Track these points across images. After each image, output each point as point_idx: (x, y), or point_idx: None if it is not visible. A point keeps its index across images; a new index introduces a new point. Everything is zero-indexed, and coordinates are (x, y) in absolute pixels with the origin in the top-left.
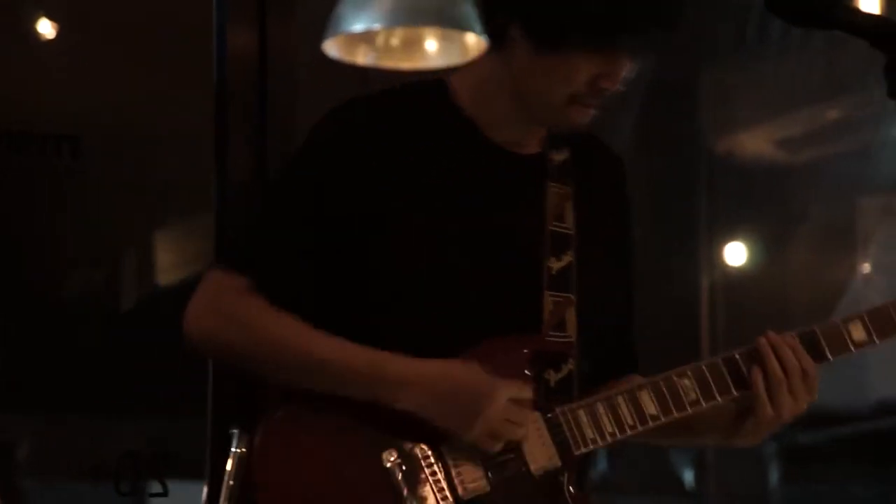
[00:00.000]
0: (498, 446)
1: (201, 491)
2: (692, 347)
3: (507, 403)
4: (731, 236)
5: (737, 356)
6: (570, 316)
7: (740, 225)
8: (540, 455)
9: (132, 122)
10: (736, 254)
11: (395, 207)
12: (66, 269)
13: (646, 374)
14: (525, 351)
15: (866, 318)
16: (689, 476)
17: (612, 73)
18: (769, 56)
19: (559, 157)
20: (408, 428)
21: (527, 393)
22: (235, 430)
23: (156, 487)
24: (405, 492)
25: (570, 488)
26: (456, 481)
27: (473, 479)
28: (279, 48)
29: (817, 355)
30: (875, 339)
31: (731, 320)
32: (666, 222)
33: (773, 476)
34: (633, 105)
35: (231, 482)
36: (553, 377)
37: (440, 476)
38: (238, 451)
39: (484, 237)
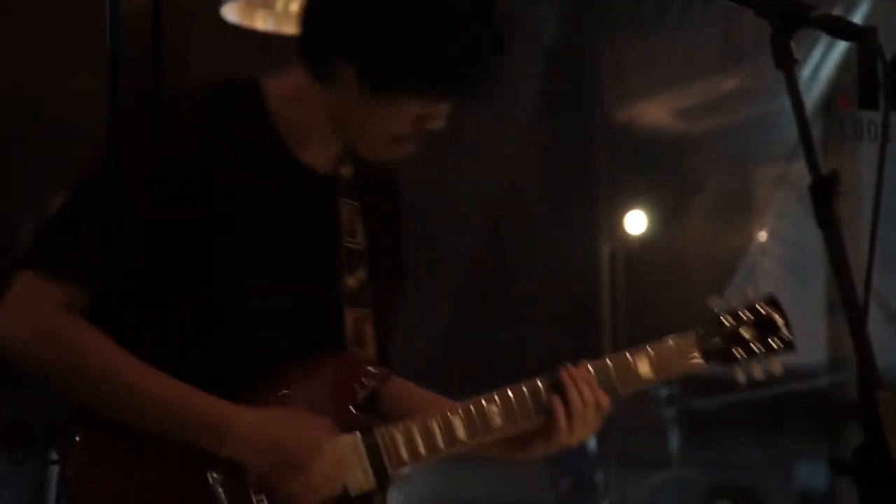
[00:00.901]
0: (318, 499)
1: None
2: (593, 315)
3: (330, 461)
4: (631, 205)
5: (539, 385)
6: (368, 330)
7: (639, 194)
8: (358, 477)
9: (22, 87)
10: (635, 222)
11: (202, 220)
12: None
13: (548, 345)
14: (346, 381)
15: (651, 353)
16: (591, 443)
17: (436, 113)
18: (667, 27)
19: (346, 172)
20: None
21: (351, 468)
22: None
23: (52, 455)
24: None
25: None
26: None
27: None
28: (174, 12)
29: (610, 390)
30: (656, 377)
31: (631, 288)
32: (566, 192)
33: (674, 441)
34: (533, 76)
35: None
36: (359, 395)
37: (263, 497)
38: None
39: (287, 256)
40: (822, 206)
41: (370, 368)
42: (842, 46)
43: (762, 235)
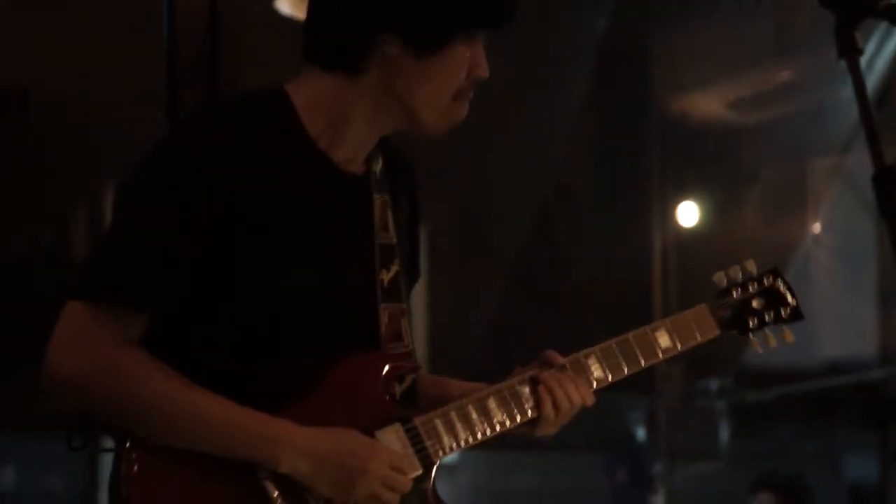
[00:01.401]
0: (388, 499)
1: None
2: (645, 307)
3: (386, 472)
4: (683, 197)
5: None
6: (405, 325)
7: (692, 186)
8: (406, 465)
9: (83, 78)
10: (688, 214)
11: (243, 235)
12: (15, 225)
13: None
14: (381, 377)
15: (669, 325)
16: (641, 433)
17: (480, 60)
18: (721, 18)
19: (377, 166)
20: None
21: (405, 460)
22: None
23: (108, 443)
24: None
25: (431, 494)
26: None
27: None
28: (230, 5)
29: (632, 363)
30: (678, 346)
31: (682, 280)
32: (618, 184)
33: (724, 433)
34: (585, 68)
35: None
36: (398, 389)
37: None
38: None
39: (325, 260)
40: (884, 197)
41: (406, 363)
42: None
43: (816, 227)
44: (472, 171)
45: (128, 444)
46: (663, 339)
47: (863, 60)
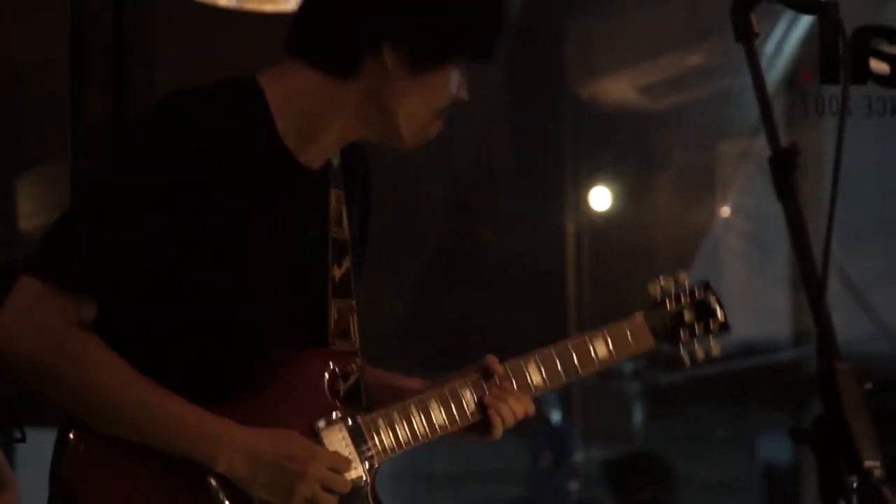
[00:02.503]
0: (326, 502)
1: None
2: (559, 290)
3: (325, 474)
4: (596, 181)
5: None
6: (353, 322)
7: (604, 170)
8: (346, 466)
9: None
10: (600, 198)
11: (199, 224)
12: None
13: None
14: (325, 375)
15: (607, 336)
16: (556, 416)
17: (463, 84)
18: (632, 3)
19: (335, 160)
20: None
21: (346, 460)
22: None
23: (15, 434)
24: (225, 502)
25: (371, 494)
26: None
27: None
28: None
29: (571, 373)
30: (614, 356)
31: (596, 263)
32: (532, 168)
33: (637, 415)
34: (499, 52)
35: None
36: (342, 387)
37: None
38: None
39: (280, 256)
40: (781, 179)
41: (351, 361)
42: (805, 21)
43: (726, 211)
44: (387, 154)
45: (72, 434)
46: (601, 349)
47: (772, 43)
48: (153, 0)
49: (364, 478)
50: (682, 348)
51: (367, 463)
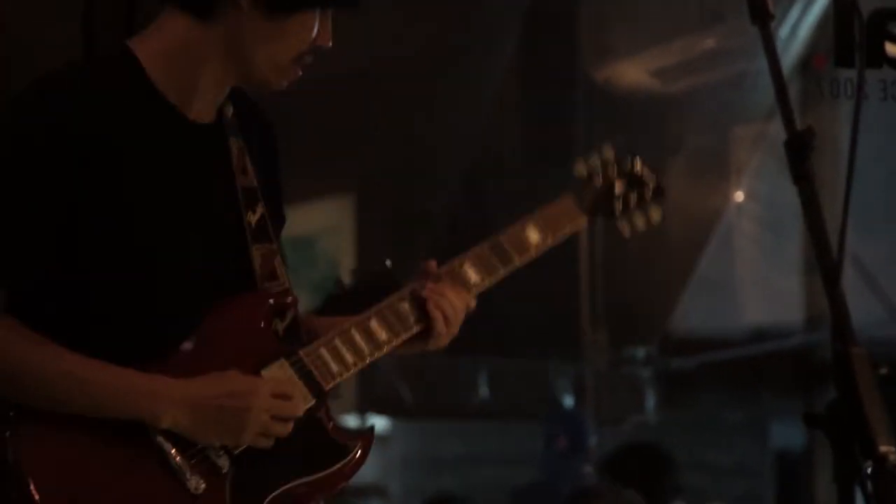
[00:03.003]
0: (270, 443)
1: None
2: (572, 273)
3: (271, 403)
4: None
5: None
6: (278, 264)
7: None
8: (297, 399)
9: None
10: None
11: (99, 195)
12: None
13: (527, 303)
14: (259, 316)
15: (537, 219)
16: (568, 401)
17: (326, 30)
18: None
19: (229, 112)
20: None
21: (292, 388)
22: None
23: None
24: (178, 457)
25: (327, 421)
26: None
27: None
28: None
29: (507, 262)
30: (549, 240)
31: (609, 247)
32: (544, 149)
33: (650, 401)
34: (512, 33)
35: None
36: (280, 326)
37: (224, 454)
38: None
39: (188, 210)
40: (796, 162)
41: (284, 299)
42: (819, 4)
43: (739, 195)
44: (399, 136)
45: (11, 414)
46: (533, 235)
47: (786, 27)
48: None
49: (316, 408)
50: (618, 220)
51: (315, 392)
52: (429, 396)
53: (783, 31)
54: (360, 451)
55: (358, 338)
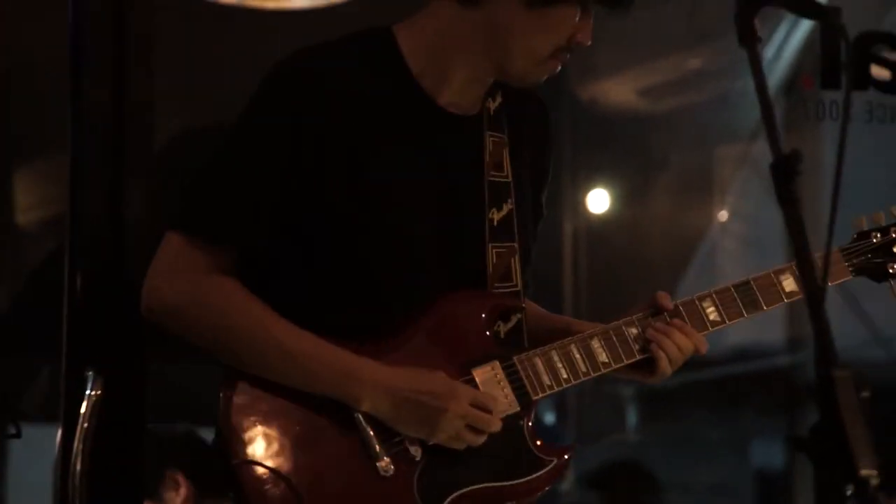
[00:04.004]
0: (461, 447)
1: (56, 433)
2: (556, 292)
3: (468, 411)
4: (594, 183)
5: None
6: (515, 264)
7: (603, 172)
8: (501, 403)
9: None
10: (598, 201)
11: (342, 173)
12: None
13: None
14: (482, 315)
15: (795, 270)
16: (549, 418)
17: (586, 27)
18: (633, 4)
19: (493, 105)
20: None
21: (496, 399)
22: (90, 373)
23: (10, 429)
24: (374, 437)
25: (529, 431)
26: None
27: None
28: None
29: (752, 305)
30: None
31: (593, 266)
32: None
33: (631, 419)
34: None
35: (86, 424)
36: (503, 328)
37: (418, 447)
38: (93, 393)
39: (430, 200)
40: (782, 185)
41: (511, 301)
42: (806, 26)
43: (723, 214)
44: None
45: (225, 381)
46: (787, 283)
47: (772, 48)
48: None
49: (519, 416)
50: (892, 282)
51: (522, 401)
52: None
53: (769, 52)
54: (555, 466)
55: (576, 354)
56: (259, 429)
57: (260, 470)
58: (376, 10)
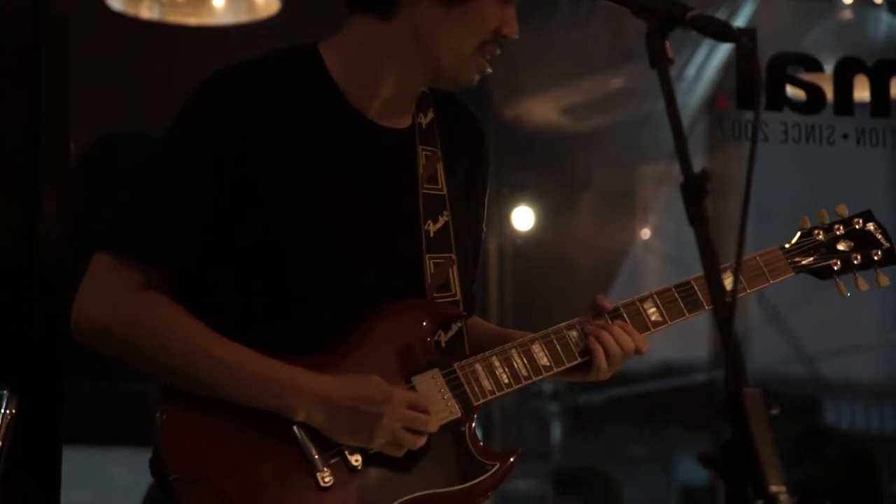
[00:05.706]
0: (400, 453)
1: None
2: (481, 309)
3: (405, 413)
4: (519, 201)
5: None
6: (453, 275)
7: (527, 190)
8: (441, 408)
9: None
10: (523, 219)
11: (277, 185)
12: None
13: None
14: (423, 324)
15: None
16: (478, 433)
17: (509, 19)
18: (556, 24)
19: (426, 119)
20: None
21: (428, 401)
22: (4, 392)
23: None
24: (313, 449)
25: (471, 437)
26: None
27: None
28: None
29: (694, 307)
30: (747, 289)
31: (518, 283)
32: None
33: (556, 434)
34: None
35: (0, 444)
36: (443, 337)
37: (359, 456)
38: (7, 412)
39: (363, 213)
40: (692, 205)
41: (451, 311)
42: (726, 46)
43: (645, 232)
44: None
45: (160, 403)
46: (729, 283)
47: (693, 67)
48: (73, 11)
49: (459, 420)
50: (837, 279)
51: (462, 405)
52: None
53: (690, 71)
54: (498, 471)
55: (517, 359)
56: (197, 445)
57: (198, 486)
58: (300, 28)
